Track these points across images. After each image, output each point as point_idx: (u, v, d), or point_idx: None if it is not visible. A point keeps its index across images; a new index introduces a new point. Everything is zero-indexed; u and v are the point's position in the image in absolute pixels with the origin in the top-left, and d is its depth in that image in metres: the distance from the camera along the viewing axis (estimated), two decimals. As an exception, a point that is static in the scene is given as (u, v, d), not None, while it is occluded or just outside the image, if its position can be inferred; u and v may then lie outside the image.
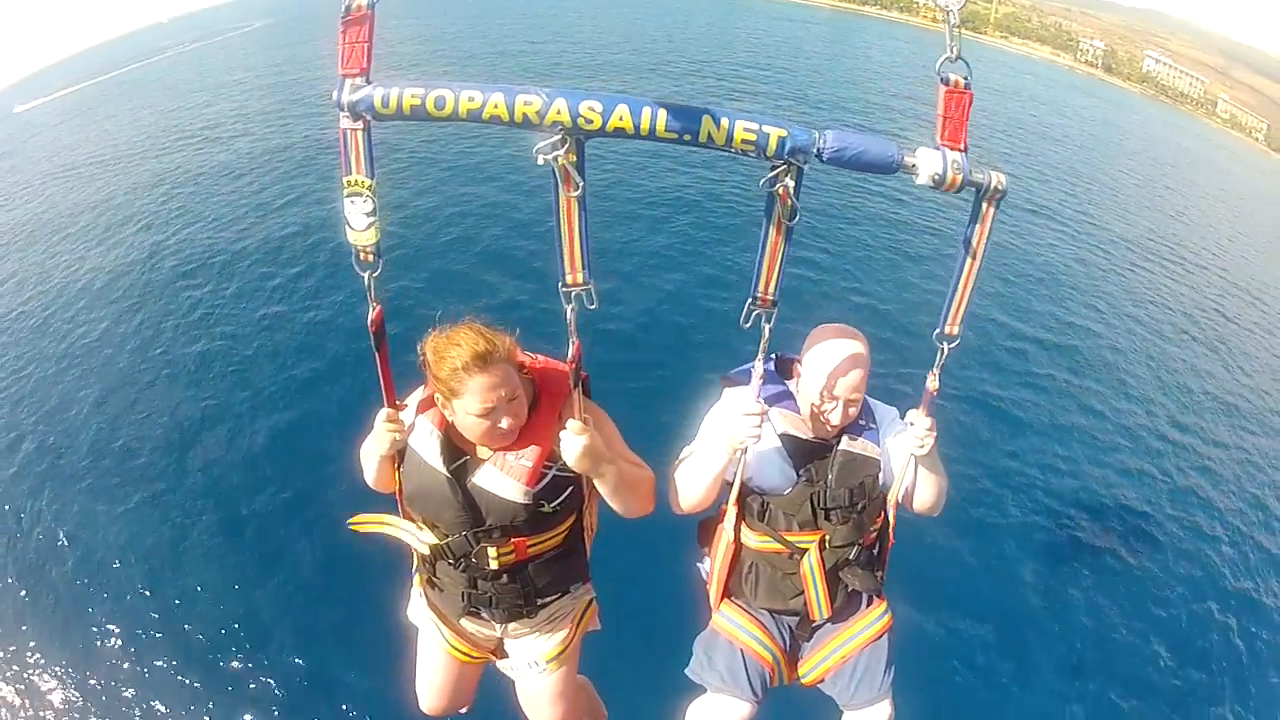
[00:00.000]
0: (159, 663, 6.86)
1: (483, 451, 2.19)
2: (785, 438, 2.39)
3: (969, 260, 1.98)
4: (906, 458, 2.35)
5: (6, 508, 8.51)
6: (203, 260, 13.13)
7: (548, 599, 2.44)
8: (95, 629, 7.16)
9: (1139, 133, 46.87)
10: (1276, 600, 8.42)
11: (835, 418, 2.32)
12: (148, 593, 7.53)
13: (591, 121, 1.65)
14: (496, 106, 1.65)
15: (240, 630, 7.15)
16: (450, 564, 2.29)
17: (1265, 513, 10.02)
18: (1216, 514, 9.69)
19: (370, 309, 1.95)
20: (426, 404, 2.21)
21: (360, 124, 1.73)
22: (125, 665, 6.83)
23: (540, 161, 1.68)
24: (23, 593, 7.53)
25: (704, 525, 2.72)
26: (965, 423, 9.90)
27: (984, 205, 1.88)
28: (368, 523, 2.34)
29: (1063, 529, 8.84)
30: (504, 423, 2.05)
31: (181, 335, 11.10)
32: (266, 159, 17.72)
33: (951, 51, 1.77)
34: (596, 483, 2.18)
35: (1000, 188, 1.84)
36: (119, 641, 7.12)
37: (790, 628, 2.63)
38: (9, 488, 8.77)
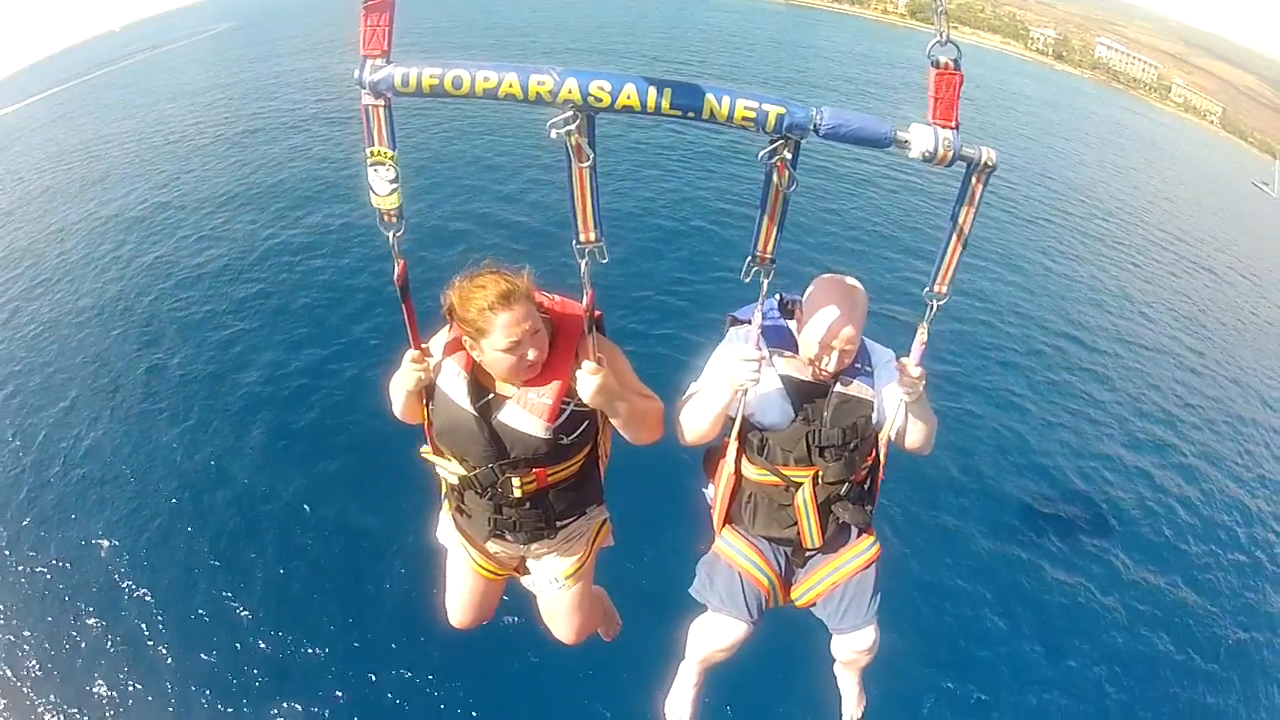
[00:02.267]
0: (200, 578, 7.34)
1: (505, 389, 2.35)
2: (785, 378, 2.52)
3: (957, 229, 2.08)
4: (897, 402, 2.48)
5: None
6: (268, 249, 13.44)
7: (566, 521, 2.63)
8: (150, 541, 7.70)
9: (1083, 114, 46.43)
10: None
11: (831, 362, 2.45)
12: (189, 506, 8.08)
13: (601, 99, 1.74)
14: (511, 85, 1.74)
15: (283, 550, 7.59)
16: (477, 493, 2.49)
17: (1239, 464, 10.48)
18: (1196, 463, 10.11)
19: (395, 264, 2.11)
20: (452, 347, 2.37)
21: (382, 101, 1.84)
22: (187, 578, 7.36)
23: (553, 136, 1.78)
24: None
25: (709, 455, 2.88)
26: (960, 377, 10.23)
27: (973, 180, 1.97)
28: (426, 454, 2.54)
29: (1050, 483, 9.18)
30: (530, 354, 2.21)
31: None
32: (267, 172, 17.42)
33: (941, 35, 1.83)
34: (610, 416, 2.35)
35: (990, 163, 1.93)
36: (179, 547, 7.63)
37: (786, 554, 2.81)
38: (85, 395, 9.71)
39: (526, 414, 2.31)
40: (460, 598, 2.91)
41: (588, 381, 2.16)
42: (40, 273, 13.21)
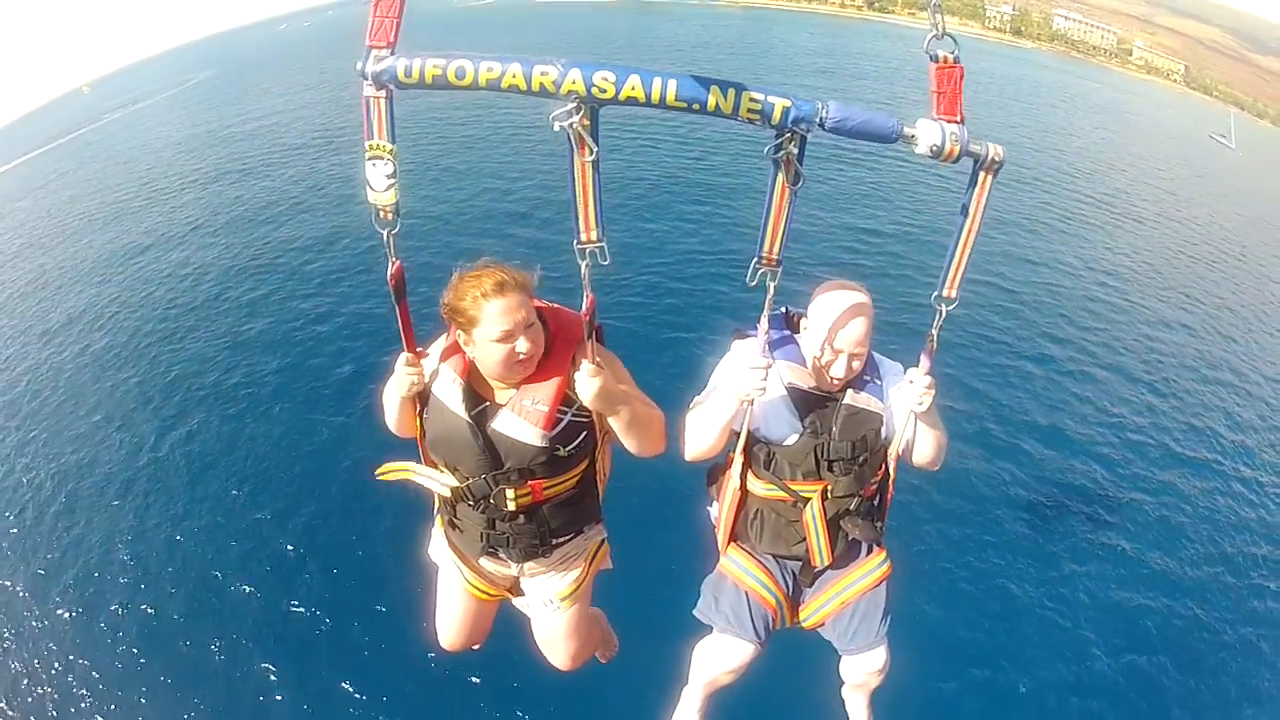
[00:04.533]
0: (180, 597, 7.27)
1: (501, 397, 2.29)
2: (791, 390, 2.46)
3: (966, 228, 2.05)
4: (907, 414, 2.42)
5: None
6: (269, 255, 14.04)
7: (562, 539, 2.55)
8: (129, 558, 7.66)
9: (1033, 86, 47.85)
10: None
11: (839, 370, 2.39)
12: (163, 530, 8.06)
13: (605, 90, 1.72)
14: (515, 76, 1.72)
15: (267, 569, 7.56)
16: (470, 505, 2.41)
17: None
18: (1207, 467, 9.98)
19: (390, 264, 2.06)
20: (448, 353, 2.32)
21: (383, 93, 1.82)
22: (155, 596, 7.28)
23: (556, 128, 1.75)
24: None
25: (713, 472, 2.82)
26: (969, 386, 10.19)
27: (981, 175, 1.94)
28: (392, 471, 2.47)
29: (1062, 493, 9.05)
30: (522, 345, 2.14)
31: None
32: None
33: (937, 29, 1.82)
34: (610, 421, 2.28)
35: (997, 159, 1.90)
36: (149, 575, 7.54)
37: (793, 573, 2.73)
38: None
39: (522, 422, 2.25)
40: (451, 618, 2.83)
41: (587, 384, 2.11)
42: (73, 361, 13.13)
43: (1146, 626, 7.41)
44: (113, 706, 6.47)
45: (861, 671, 2.73)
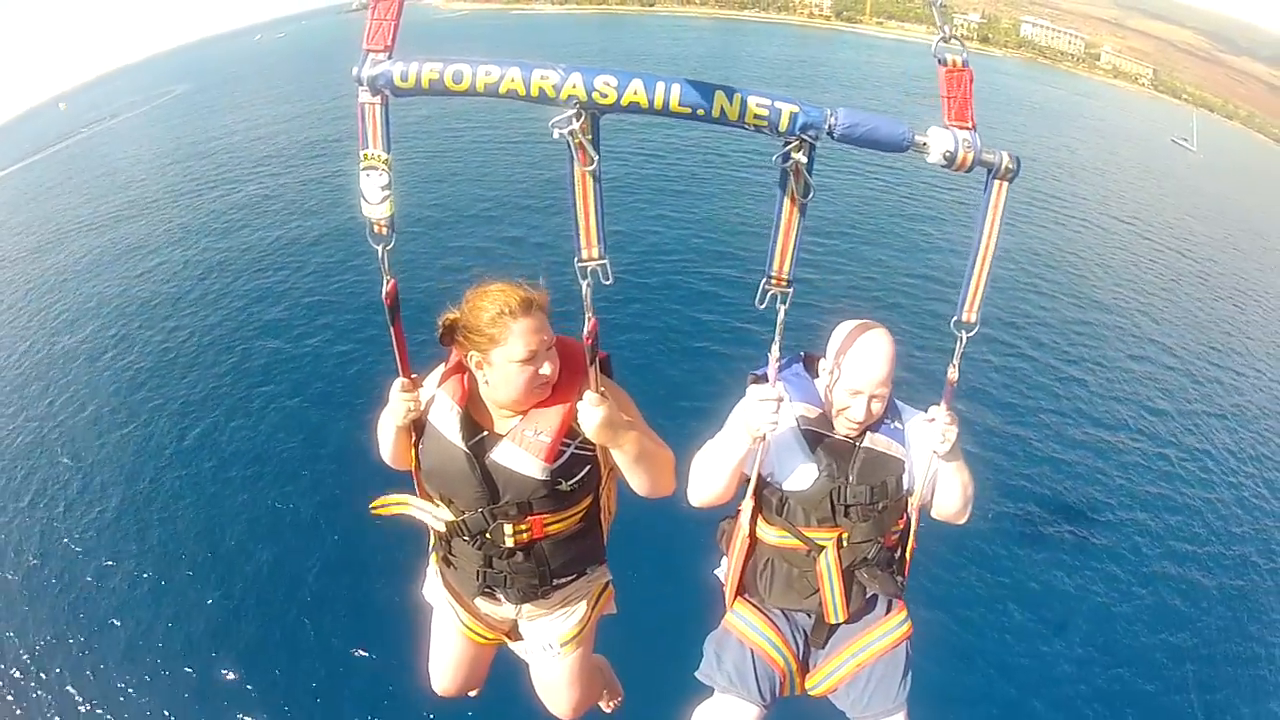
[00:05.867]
0: (165, 640, 7.07)
1: (501, 426, 2.19)
2: (808, 432, 2.33)
3: (984, 241, 1.94)
4: (929, 456, 2.27)
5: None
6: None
7: (563, 580, 2.42)
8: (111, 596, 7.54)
9: (998, 92, 48.67)
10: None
11: (859, 413, 2.25)
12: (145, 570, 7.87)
13: (606, 96, 1.64)
14: (513, 81, 1.65)
15: (253, 608, 7.38)
16: (466, 541, 2.29)
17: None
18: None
19: (384, 282, 1.94)
20: (446, 378, 2.22)
21: (379, 99, 1.75)
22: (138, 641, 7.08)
23: (556, 135, 1.67)
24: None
25: (723, 526, 2.66)
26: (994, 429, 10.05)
27: (996, 184, 1.86)
28: (388, 505, 2.34)
29: (1093, 535, 8.77)
30: (545, 368, 2.06)
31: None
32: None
33: (944, 32, 1.76)
34: (615, 455, 2.15)
35: (1011, 166, 1.82)
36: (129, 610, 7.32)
37: (805, 631, 2.55)
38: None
39: (523, 452, 2.13)
40: (445, 662, 2.68)
41: (589, 414, 1.98)
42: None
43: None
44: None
45: None
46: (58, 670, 6.84)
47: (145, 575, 7.71)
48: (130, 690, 6.56)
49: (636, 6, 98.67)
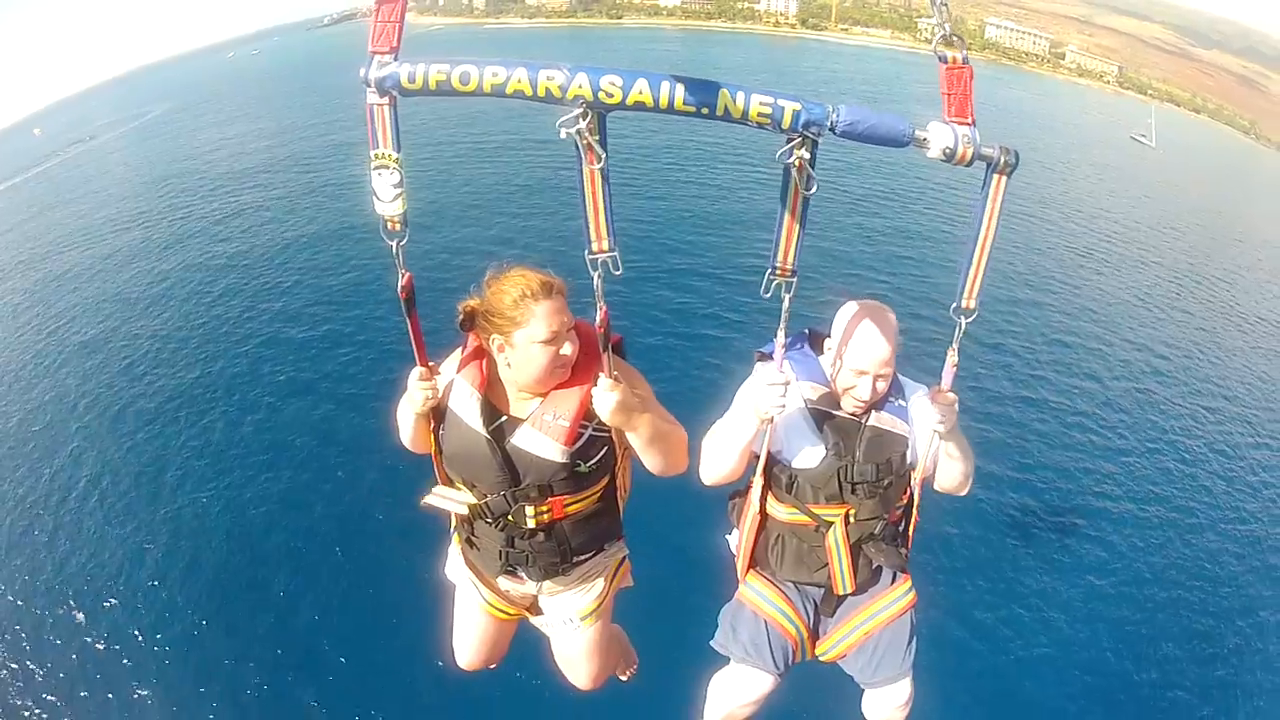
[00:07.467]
0: (194, 616, 7.37)
1: (519, 411, 2.25)
2: (814, 411, 2.39)
3: (982, 233, 1.98)
4: (930, 435, 2.33)
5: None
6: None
7: (582, 557, 2.49)
8: (151, 580, 7.84)
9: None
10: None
11: (864, 392, 2.31)
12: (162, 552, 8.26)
13: (612, 95, 1.68)
14: (520, 82, 1.68)
15: (279, 588, 7.55)
16: (488, 523, 2.36)
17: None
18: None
19: (400, 276, 2.00)
20: (464, 365, 2.27)
21: (387, 100, 1.77)
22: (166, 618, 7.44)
23: (563, 135, 1.71)
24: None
25: (733, 500, 2.74)
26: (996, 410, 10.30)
27: (995, 178, 1.90)
28: (438, 499, 2.39)
29: (1094, 515, 9.05)
30: (566, 348, 2.12)
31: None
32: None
33: (944, 29, 1.79)
34: (630, 437, 2.21)
35: (1010, 160, 1.87)
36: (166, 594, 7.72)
37: (815, 601, 2.63)
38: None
39: (543, 436, 2.20)
40: (468, 638, 2.77)
41: (604, 398, 2.04)
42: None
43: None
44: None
45: (885, 705, 2.61)
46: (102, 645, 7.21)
47: (180, 552, 8.05)
48: (141, 668, 6.82)
49: (604, 19, 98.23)
